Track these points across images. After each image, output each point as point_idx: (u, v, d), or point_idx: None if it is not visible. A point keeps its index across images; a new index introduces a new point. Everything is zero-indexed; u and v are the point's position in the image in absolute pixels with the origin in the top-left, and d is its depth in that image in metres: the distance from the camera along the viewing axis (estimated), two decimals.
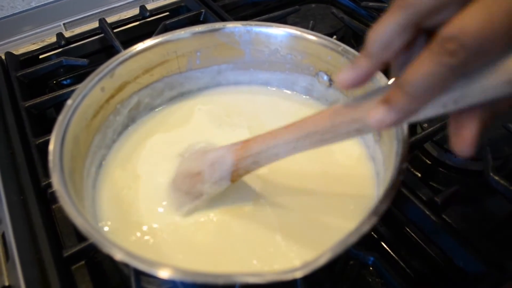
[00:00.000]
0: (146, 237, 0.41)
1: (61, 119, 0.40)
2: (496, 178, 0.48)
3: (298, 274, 0.29)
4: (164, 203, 0.44)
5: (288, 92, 0.55)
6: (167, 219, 0.43)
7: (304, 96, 0.55)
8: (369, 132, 0.33)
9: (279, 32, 0.50)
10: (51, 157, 0.37)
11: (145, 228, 0.42)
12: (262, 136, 0.39)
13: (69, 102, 0.41)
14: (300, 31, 0.49)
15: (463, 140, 0.28)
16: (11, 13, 0.80)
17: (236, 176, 0.41)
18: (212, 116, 0.53)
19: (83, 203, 0.38)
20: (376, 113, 0.29)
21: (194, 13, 0.79)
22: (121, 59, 0.46)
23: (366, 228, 0.31)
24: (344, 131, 0.33)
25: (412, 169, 0.57)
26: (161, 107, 0.54)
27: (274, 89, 0.56)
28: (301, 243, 0.40)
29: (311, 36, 0.49)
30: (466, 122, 0.28)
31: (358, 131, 0.33)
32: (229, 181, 0.41)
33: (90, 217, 0.39)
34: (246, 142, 0.40)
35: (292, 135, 0.37)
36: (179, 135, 0.51)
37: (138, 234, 0.41)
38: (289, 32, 0.50)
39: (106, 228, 0.42)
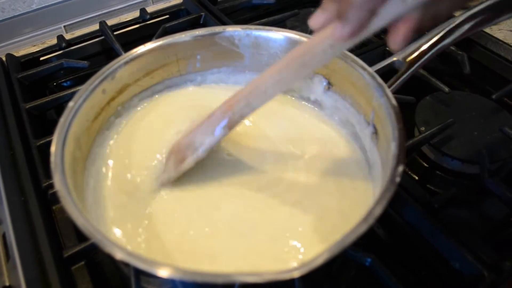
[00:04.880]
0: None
1: (62, 121, 0.40)
2: (493, 181, 0.48)
3: (296, 274, 0.29)
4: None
5: (287, 96, 0.56)
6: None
7: (302, 100, 0.55)
8: (342, 47, 0.37)
9: (278, 36, 0.51)
10: (52, 158, 0.37)
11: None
12: (248, 83, 0.42)
13: (70, 104, 0.42)
14: (299, 35, 0.50)
15: (398, 34, 0.32)
16: (12, 15, 0.80)
17: (233, 122, 0.43)
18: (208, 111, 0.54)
19: (85, 204, 0.39)
20: (336, 28, 0.33)
21: (194, 16, 0.80)
22: (122, 61, 0.47)
23: (363, 229, 0.31)
24: (319, 49, 0.37)
25: (409, 172, 0.58)
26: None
27: None
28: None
29: None
30: (404, 19, 0.32)
31: (332, 47, 0.36)
32: (227, 129, 0.43)
33: (92, 218, 0.40)
34: (235, 93, 0.43)
35: (274, 69, 0.40)
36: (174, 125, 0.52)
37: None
38: (288, 36, 0.50)
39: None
